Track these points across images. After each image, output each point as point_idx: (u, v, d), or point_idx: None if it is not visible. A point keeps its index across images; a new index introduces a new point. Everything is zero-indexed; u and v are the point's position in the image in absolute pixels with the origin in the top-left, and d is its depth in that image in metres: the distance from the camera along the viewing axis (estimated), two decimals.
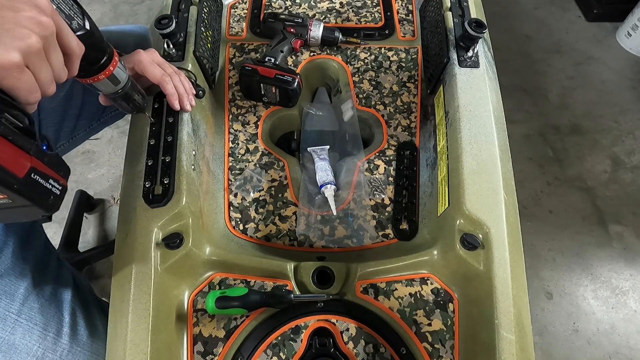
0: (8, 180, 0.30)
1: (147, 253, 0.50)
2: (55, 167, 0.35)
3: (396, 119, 0.71)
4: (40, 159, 0.33)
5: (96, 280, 1.20)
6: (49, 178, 0.34)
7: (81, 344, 0.58)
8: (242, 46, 0.77)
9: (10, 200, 0.31)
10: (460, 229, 0.52)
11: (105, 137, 1.45)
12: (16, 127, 0.32)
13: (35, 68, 0.32)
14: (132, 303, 0.48)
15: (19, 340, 0.53)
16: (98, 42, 0.41)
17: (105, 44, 0.42)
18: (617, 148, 1.46)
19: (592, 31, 1.78)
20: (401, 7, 0.81)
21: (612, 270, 1.22)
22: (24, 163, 0.32)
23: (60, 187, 0.35)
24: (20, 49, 0.30)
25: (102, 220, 1.32)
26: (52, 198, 0.34)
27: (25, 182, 0.32)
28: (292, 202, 0.64)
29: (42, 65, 0.32)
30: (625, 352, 1.10)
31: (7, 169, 0.30)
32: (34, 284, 0.56)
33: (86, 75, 0.42)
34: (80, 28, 0.38)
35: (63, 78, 0.36)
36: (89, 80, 0.43)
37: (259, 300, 0.50)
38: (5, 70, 0.29)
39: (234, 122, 0.71)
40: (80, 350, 0.58)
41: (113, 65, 0.43)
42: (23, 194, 0.31)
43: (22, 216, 0.35)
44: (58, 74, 0.35)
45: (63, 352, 0.56)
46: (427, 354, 0.50)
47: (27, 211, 0.34)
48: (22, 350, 0.53)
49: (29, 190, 0.32)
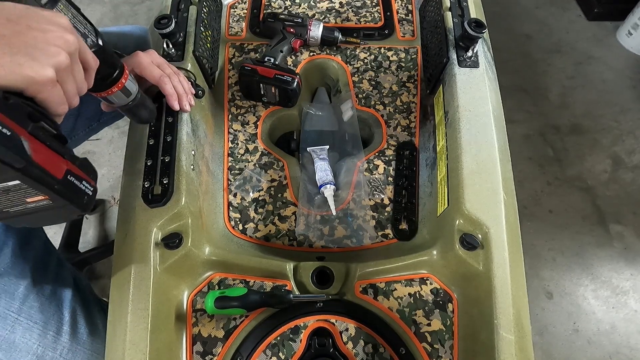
0: (49, 182, 0.33)
1: (147, 253, 0.50)
2: (86, 170, 0.38)
3: (396, 119, 0.71)
4: (74, 162, 0.37)
5: (97, 280, 1.21)
6: (82, 180, 0.37)
7: (81, 342, 0.59)
8: (242, 46, 0.77)
9: (51, 201, 0.35)
10: (459, 229, 0.52)
11: (106, 137, 1.46)
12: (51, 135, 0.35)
13: (64, 82, 0.35)
14: (132, 303, 0.48)
15: (19, 338, 0.53)
16: (109, 57, 0.43)
17: (116, 59, 0.44)
18: (617, 147, 1.45)
19: (592, 30, 1.78)
20: (401, 7, 0.81)
21: (612, 270, 1.22)
22: (62, 166, 0.35)
23: (92, 189, 0.39)
24: (53, 65, 0.33)
25: (103, 220, 1.32)
26: (86, 198, 0.38)
27: (63, 182, 0.35)
28: (291, 202, 0.64)
29: (69, 80, 0.36)
30: (626, 352, 1.10)
31: (48, 171, 0.33)
32: (34, 283, 0.56)
33: (100, 89, 0.45)
34: (94, 45, 0.41)
35: (84, 90, 0.39)
36: (103, 94, 0.45)
37: (259, 301, 0.50)
38: (41, 85, 0.32)
39: (234, 122, 0.71)
40: (80, 349, 0.58)
41: (125, 78, 0.45)
42: (62, 194, 0.35)
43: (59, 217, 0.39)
44: (80, 87, 0.38)
45: (63, 350, 0.57)
46: (426, 354, 0.50)
47: (64, 212, 0.37)
48: (22, 349, 0.54)
49: (67, 191, 0.35)
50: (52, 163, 0.34)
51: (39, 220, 0.39)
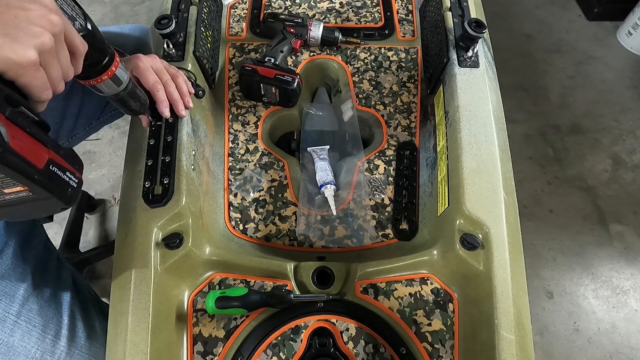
0: (29, 171, 0.31)
1: (147, 253, 0.50)
2: (71, 161, 0.36)
3: (396, 119, 0.71)
4: (57, 151, 0.34)
5: (97, 280, 1.21)
6: (65, 170, 0.35)
7: (79, 346, 0.58)
8: (242, 46, 0.77)
9: (31, 192, 0.32)
10: (460, 229, 0.52)
11: (106, 137, 1.46)
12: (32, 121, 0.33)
13: (47, 66, 0.33)
14: (132, 303, 0.48)
15: (17, 342, 0.53)
16: (99, 43, 0.41)
17: (106, 45, 0.42)
18: (617, 147, 1.45)
19: (592, 30, 1.78)
20: (401, 7, 0.81)
21: (612, 270, 1.22)
22: (43, 155, 0.33)
23: (76, 180, 0.36)
24: (36, 47, 0.31)
25: (103, 220, 1.32)
26: (70, 190, 0.35)
27: (44, 173, 0.32)
28: (292, 202, 0.64)
29: (53, 63, 0.33)
30: (626, 352, 1.10)
31: (28, 160, 0.31)
32: (33, 285, 0.56)
33: (89, 76, 0.43)
34: (82, 29, 0.39)
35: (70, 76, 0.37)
36: (92, 82, 0.43)
37: (259, 300, 0.50)
38: (22, 68, 0.30)
39: (234, 122, 0.71)
40: (78, 353, 0.58)
41: (115, 66, 0.44)
42: (43, 185, 0.32)
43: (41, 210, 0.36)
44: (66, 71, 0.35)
45: (61, 354, 0.56)
46: (427, 354, 0.50)
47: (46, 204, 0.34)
48: (21, 352, 0.53)
49: (48, 182, 0.33)
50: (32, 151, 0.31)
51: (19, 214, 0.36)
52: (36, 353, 0.54)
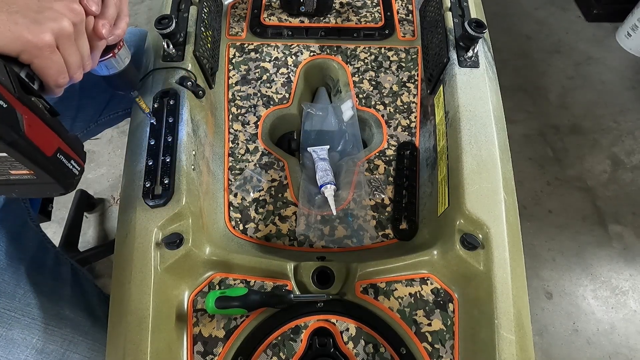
0: (38, 158, 0.32)
1: (147, 253, 0.50)
2: (76, 149, 0.37)
3: (396, 119, 0.71)
4: (65, 140, 0.36)
5: (97, 279, 1.21)
6: (71, 159, 0.36)
7: (83, 333, 0.59)
8: (242, 46, 0.77)
9: (35, 176, 0.34)
10: (460, 229, 0.52)
11: (105, 137, 1.46)
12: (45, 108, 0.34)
13: (65, 51, 0.34)
14: (132, 303, 0.48)
15: (17, 335, 0.54)
16: None
17: None
18: (616, 148, 1.46)
19: (592, 31, 1.78)
20: (401, 7, 0.81)
21: (612, 270, 1.23)
22: (53, 143, 0.34)
23: (79, 169, 0.38)
24: (53, 31, 0.32)
25: (102, 220, 1.32)
26: (72, 178, 0.37)
27: (52, 160, 0.34)
28: (292, 202, 0.64)
29: (71, 49, 0.34)
30: (625, 352, 1.10)
31: (39, 148, 0.32)
32: (30, 282, 0.57)
33: None
34: None
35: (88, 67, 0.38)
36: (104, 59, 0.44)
37: (259, 300, 0.50)
38: (37, 49, 0.31)
39: (234, 122, 0.71)
40: (82, 340, 0.59)
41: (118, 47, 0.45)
42: (49, 172, 0.34)
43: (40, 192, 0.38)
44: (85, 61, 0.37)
45: (64, 342, 0.57)
46: (427, 354, 0.50)
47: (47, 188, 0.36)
48: (21, 344, 0.54)
49: (54, 169, 0.34)
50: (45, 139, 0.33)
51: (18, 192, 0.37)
52: (37, 343, 0.55)
